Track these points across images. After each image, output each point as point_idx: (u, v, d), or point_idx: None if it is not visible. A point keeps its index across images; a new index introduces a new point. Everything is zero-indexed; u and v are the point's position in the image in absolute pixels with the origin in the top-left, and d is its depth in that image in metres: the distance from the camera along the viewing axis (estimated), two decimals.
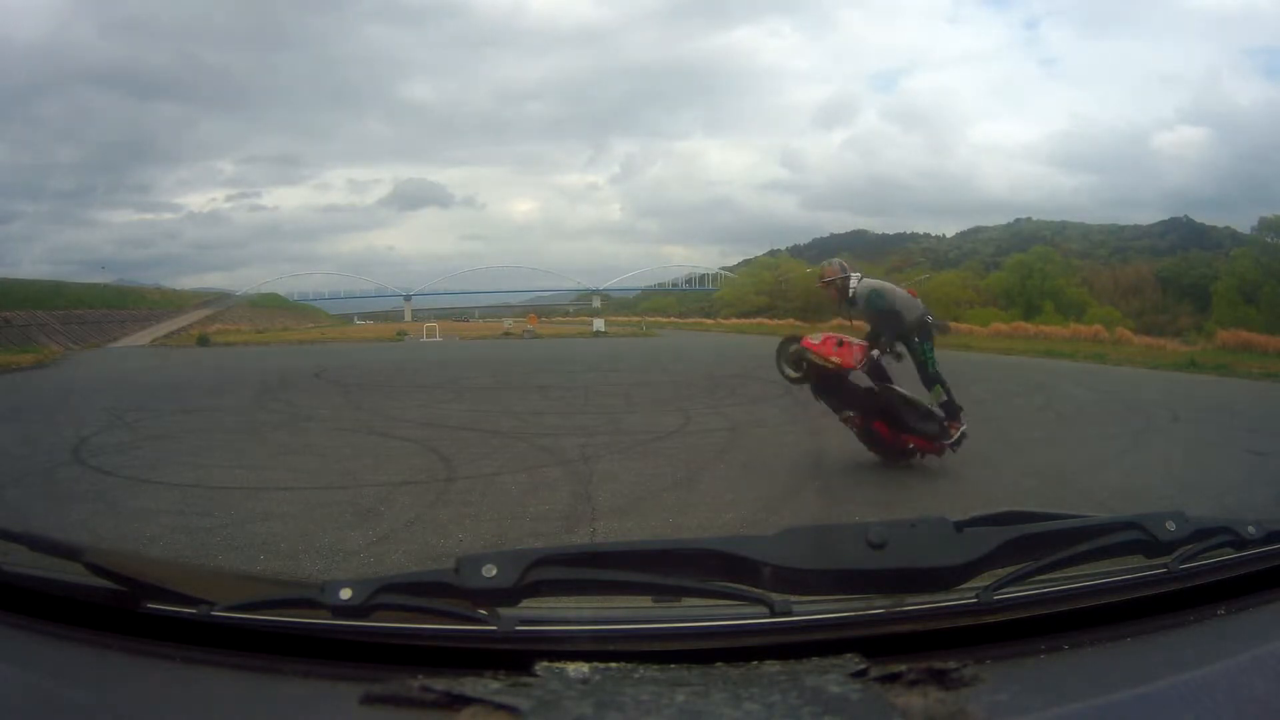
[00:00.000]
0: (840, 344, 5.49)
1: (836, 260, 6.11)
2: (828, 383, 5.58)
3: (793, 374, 5.78)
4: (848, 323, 6.12)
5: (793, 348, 5.79)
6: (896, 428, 5.49)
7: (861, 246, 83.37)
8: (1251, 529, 0.88)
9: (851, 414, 5.60)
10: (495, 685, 0.64)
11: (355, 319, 76.32)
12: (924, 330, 5.69)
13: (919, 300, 5.91)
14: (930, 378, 5.66)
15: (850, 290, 5.76)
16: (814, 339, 5.64)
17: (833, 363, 5.43)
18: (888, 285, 5.95)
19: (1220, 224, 63.11)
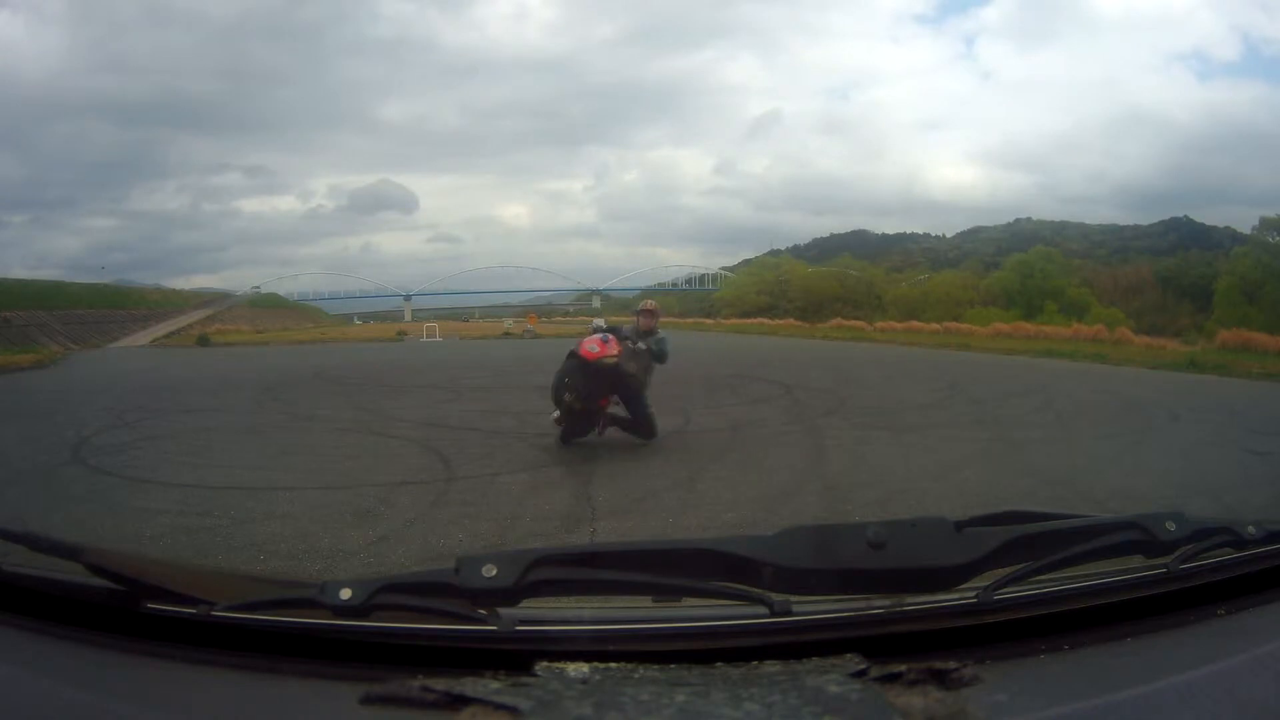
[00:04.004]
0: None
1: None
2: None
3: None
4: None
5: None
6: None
7: (862, 246, 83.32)
8: (1251, 529, 0.88)
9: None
10: (495, 685, 0.64)
11: (355, 319, 76.08)
12: None
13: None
14: None
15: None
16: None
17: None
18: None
19: (1220, 224, 63.16)
